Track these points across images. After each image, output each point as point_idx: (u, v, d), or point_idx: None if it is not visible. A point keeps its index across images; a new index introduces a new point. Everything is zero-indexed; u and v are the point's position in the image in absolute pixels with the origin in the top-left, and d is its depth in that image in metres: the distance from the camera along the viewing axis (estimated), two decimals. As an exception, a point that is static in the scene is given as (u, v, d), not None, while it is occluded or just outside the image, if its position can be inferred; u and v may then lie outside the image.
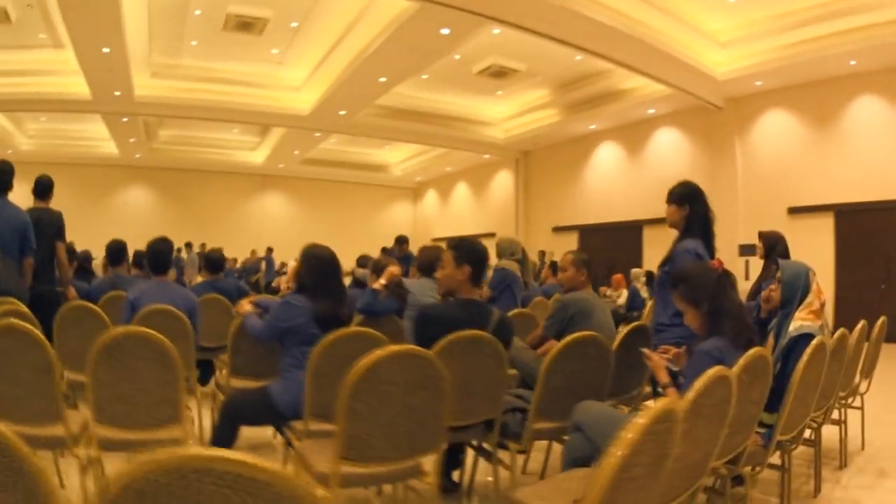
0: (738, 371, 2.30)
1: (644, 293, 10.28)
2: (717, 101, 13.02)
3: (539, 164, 18.67)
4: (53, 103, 13.97)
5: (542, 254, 15.44)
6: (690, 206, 3.64)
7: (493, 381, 3.09)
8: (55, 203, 15.53)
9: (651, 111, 14.48)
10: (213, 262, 6.16)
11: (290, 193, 22.97)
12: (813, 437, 3.68)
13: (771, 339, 3.45)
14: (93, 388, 2.68)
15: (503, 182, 20.16)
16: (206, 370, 5.41)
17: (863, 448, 4.57)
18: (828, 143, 11.92)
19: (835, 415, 4.05)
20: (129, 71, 12.01)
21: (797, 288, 3.42)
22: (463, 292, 3.23)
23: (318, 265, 3.46)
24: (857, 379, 4.39)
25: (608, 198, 16.16)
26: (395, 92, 14.10)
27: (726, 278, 2.87)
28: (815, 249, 11.57)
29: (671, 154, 14.66)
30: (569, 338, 3.14)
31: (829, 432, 4.11)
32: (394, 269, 3.97)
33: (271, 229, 21.34)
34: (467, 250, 3.23)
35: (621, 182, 15.81)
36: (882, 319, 4.63)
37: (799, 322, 3.28)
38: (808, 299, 3.38)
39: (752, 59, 11.52)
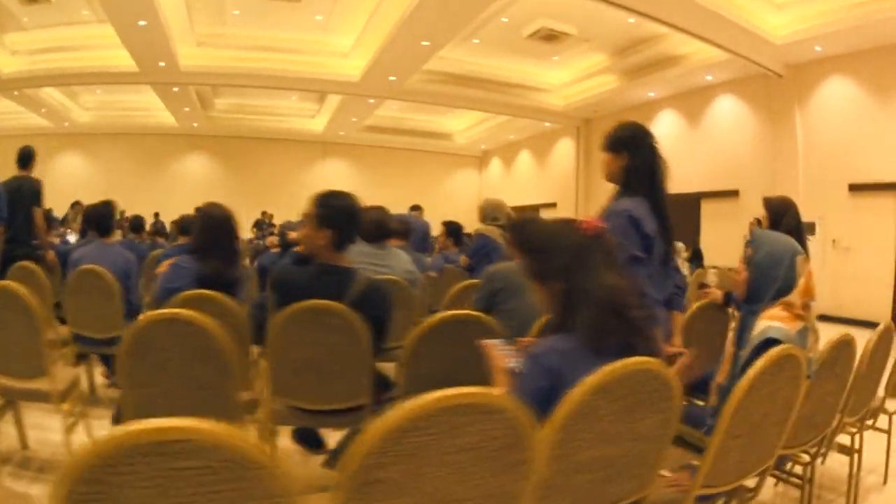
0: (589, 391, 1.54)
1: (685, 270, 9.57)
2: (776, 68, 12.02)
3: (600, 133, 17.56)
4: (103, 76, 14.30)
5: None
6: (630, 154, 2.79)
7: (353, 361, 2.69)
8: (116, 171, 16.55)
9: (709, 77, 13.56)
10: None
11: (352, 161, 22.79)
12: (804, 472, 2.77)
13: (730, 345, 2.61)
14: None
15: (564, 151, 19.43)
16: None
17: (885, 482, 3.57)
18: (890, 115, 10.75)
19: (847, 439, 3.14)
20: (168, 42, 12.07)
21: (773, 277, 2.43)
22: (323, 257, 2.84)
23: (208, 225, 3.25)
24: (880, 393, 3.29)
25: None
26: (448, 57, 13.83)
27: (596, 246, 1.85)
28: (876, 232, 10.74)
29: (731, 124, 13.77)
30: (436, 317, 2.67)
31: (841, 462, 3.30)
32: (292, 234, 3.67)
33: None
34: (331, 211, 2.80)
35: (680, 152, 14.87)
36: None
37: (765, 323, 2.32)
38: (789, 298, 2.40)
39: (809, 22, 10.51)
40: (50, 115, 17.73)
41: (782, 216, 4.07)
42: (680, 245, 9.96)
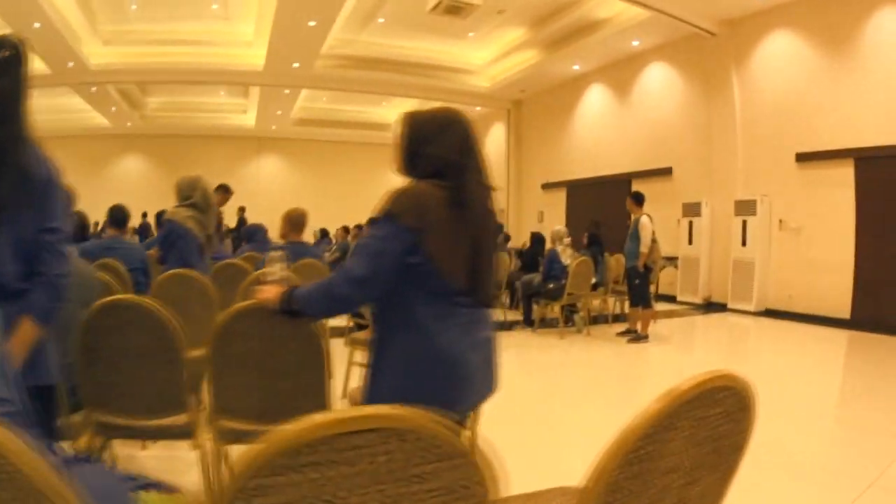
0: None
1: (566, 258, 8.57)
2: (708, 26, 10.86)
3: (530, 115, 16.98)
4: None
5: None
6: None
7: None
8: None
9: (635, 43, 12.47)
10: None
11: (287, 156, 22.20)
12: None
13: None
14: None
15: (497, 137, 18.54)
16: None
17: None
18: (844, 72, 9.21)
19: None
20: (69, 42, 11.95)
21: None
22: None
23: None
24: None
25: (596, 149, 14.38)
26: (358, 41, 13.45)
27: None
28: (831, 209, 9.33)
29: (662, 94, 12.60)
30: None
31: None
32: None
33: (269, 193, 20.63)
34: None
35: (610, 131, 13.98)
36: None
37: None
38: None
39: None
40: (-12, 121, 17.49)
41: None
42: (561, 229, 8.99)
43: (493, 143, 18.62)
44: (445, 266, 1.95)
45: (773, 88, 10.28)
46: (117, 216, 5.48)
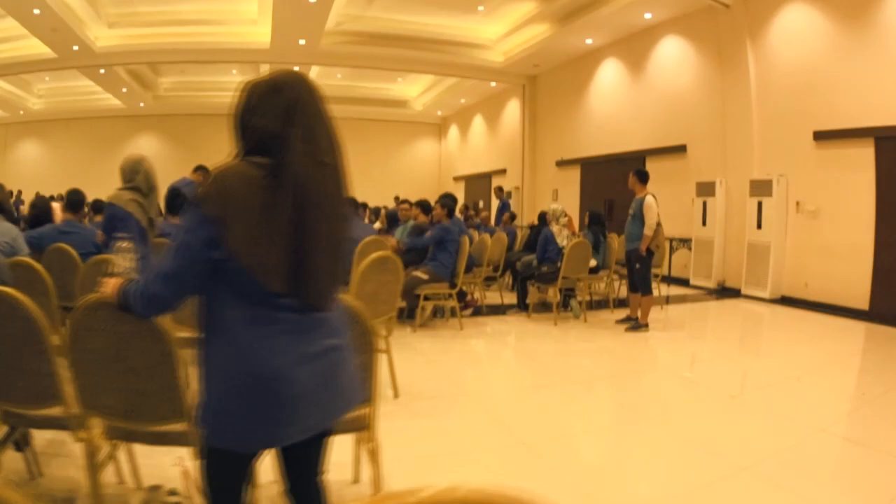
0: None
1: (562, 239, 8.18)
2: (722, -3, 10.31)
3: (544, 91, 16.50)
4: (30, 65, 14.35)
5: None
6: None
7: None
8: (71, 156, 19.97)
9: (648, 16, 11.94)
10: None
11: None
12: None
13: None
14: None
15: (512, 113, 18.12)
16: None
17: None
18: (863, 47, 8.50)
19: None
20: (72, 26, 12.04)
21: None
22: None
23: None
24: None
25: (611, 126, 13.91)
26: (363, 15, 13.38)
27: None
28: (850, 191, 8.69)
29: (677, 69, 12.00)
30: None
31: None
32: None
33: (286, 171, 20.53)
34: None
35: (624, 107, 13.49)
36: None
37: None
38: None
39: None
40: (4, 104, 17.74)
41: None
42: (557, 208, 8.61)
43: (509, 120, 18.35)
44: (251, 261, 1.58)
45: (790, 63, 9.65)
46: (73, 200, 5.38)
